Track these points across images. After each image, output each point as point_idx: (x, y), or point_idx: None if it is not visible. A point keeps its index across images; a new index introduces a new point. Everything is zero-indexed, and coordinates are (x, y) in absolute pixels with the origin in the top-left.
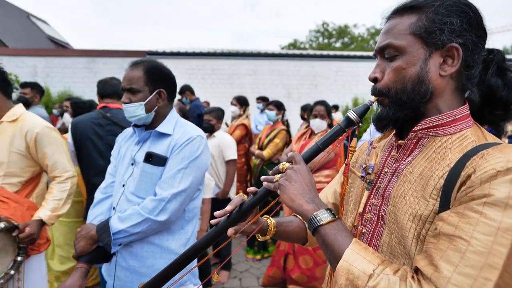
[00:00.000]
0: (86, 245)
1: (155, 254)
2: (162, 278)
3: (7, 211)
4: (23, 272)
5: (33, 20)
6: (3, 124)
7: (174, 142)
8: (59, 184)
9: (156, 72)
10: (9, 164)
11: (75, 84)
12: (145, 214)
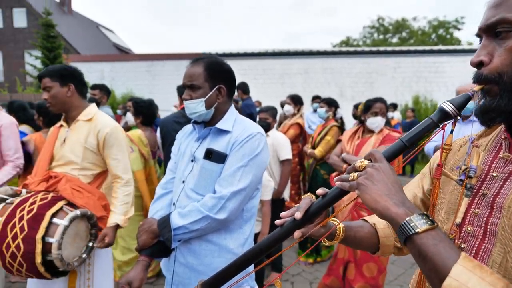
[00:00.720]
0: (148, 239)
1: (213, 252)
2: (222, 277)
3: (82, 200)
4: (93, 258)
5: (101, 30)
6: (79, 122)
7: (234, 139)
8: (123, 188)
9: (216, 69)
10: (83, 159)
11: (137, 86)
12: (205, 212)
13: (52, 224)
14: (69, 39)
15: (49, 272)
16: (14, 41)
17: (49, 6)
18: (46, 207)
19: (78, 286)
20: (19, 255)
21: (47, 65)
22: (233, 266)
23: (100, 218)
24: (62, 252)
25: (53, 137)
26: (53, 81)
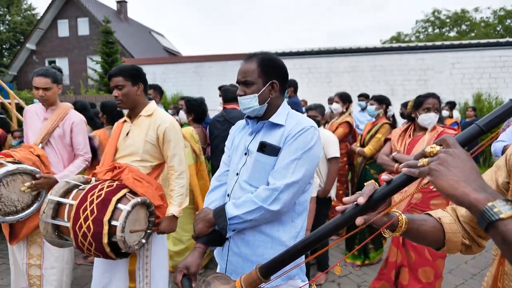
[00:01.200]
0: (204, 227)
1: (266, 243)
2: (280, 261)
3: (142, 189)
4: (150, 244)
5: (153, 34)
6: (141, 117)
7: (287, 133)
8: (177, 180)
9: (269, 64)
10: (143, 151)
11: (185, 87)
12: (259, 203)
13: (116, 209)
14: (125, 45)
15: (113, 252)
16: (78, 48)
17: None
18: (112, 193)
19: (138, 269)
20: (89, 235)
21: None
22: (292, 251)
23: (157, 207)
24: (124, 234)
25: (117, 131)
26: (125, 80)
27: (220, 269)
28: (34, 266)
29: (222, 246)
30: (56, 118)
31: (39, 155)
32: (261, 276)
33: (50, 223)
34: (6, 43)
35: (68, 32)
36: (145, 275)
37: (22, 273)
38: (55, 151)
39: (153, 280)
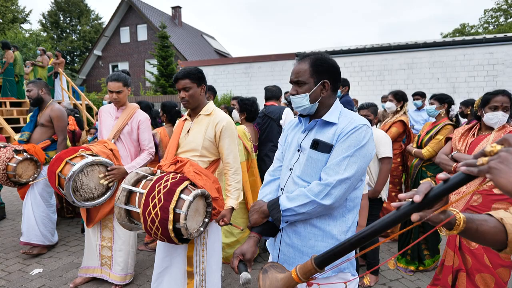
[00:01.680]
0: (259, 218)
1: (316, 236)
2: (335, 253)
3: (201, 181)
4: (207, 233)
5: (204, 37)
6: (201, 116)
7: (340, 130)
8: (233, 176)
9: (321, 64)
10: (202, 147)
11: (235, 87)
12: (311, 196)
13: (180, 199)
14: (179, 48)
15: (176, 237)
16: (137, 53)
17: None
18: (176, 185)
19: (195, 255)
20: (157, 221)
21: (162, 71)
22: (346, 244)
23: (214, 199)
24: (187, 222)
25: (179, 128)
26: (192, 82)
27: (272, 259)
28: (105, 247)
29: (274, 236)
30: (126, 117)
31: (111, 149)
32: (316, 266)
33: (123, 208)
34: (77, 50)
35: (129, 38)
36: (201, 261)
37: (95, 253)
38: (125, 146)
39: (208, 265)
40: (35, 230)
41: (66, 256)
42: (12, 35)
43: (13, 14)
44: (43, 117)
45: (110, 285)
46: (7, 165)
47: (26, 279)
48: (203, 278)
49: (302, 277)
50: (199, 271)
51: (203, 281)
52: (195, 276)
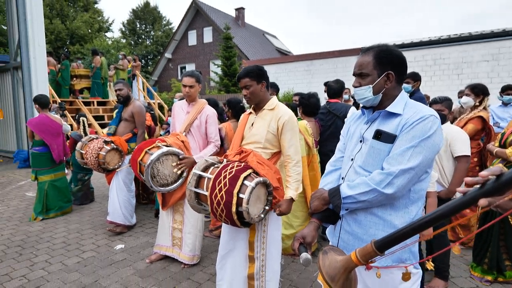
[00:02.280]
0: (319, 204)
1: (377, 225)
2: (396, 237)
3: (263, 171)
4: (268, 220)
5: (266, 36)
6: (264, 111)
7: (404, 121)
8: (294, 168)
9: (385, 56)
10: (265, 140)
11: (296, 85)
12: (373, 185)
13: (243, 185)
14: (242, 48)
15: (239, 220)
16: (203, 54)
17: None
18: (240, 171)
19: (256, 240)
20: (222, 203)
21: (225, 71)
22: (408, 228)
23: (275, 189)
24: (248, 206)
25: (244, 122)
26: (252, 80)
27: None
28: (177, 229)
29: (334, 224)
30: (195, 111)
31: (183, 141)
32: (376, 249)
33: (193, 191)
34: (150, 54)
35: (195, 41)
36: (262, 247)
37: (167, 234)
38: (194, 138)
39: (269, 252)
40: (118, 211)
41: (143, 236)
42: (98, 43)
43: (99, 24)
44: (126, 113)
45: (180, 264)
46: (98, 153)
47: (111, 252)
48: (263, 263)
49: (362, 259)
50: (259, 256)
51: (263, 266)
52: (255, 261)
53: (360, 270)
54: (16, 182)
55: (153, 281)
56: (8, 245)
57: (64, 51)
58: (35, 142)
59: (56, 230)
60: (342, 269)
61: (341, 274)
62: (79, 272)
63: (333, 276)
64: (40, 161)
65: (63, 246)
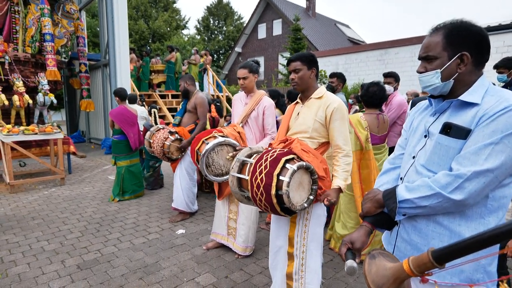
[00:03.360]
0: (372, 207)
1: (442, 236)
2: (459, 248)
3: (308, 158)
4: (310, 213)
5: (338, 26)
6: (311, 100)
7: (482, 112)
8: (343, 158)
9: (458, 34)
10: (312, 129)
11: (368, 76)
12: (436, 189)
13: (284, 168)
14: (311, 39)
15: (279, 206)
16: (272, 47)
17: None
18: (283, 155)
19: (296, 235)
20: (262, 186)
21: None
22: (477, 238)
23: (321, 178)
24: (289, 190)
25: (290, 111)
26: (302, 64)
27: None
28: (232, 219)
29: (390, 230)
30: (253, 102)
31: (239, 132)
32: (433, 259)
33: (236, 176)
34: (222, 49)
35: (265, 34)
36: (302, 243)
37: (223, 223)
38: (251, 129)
39: (309, 249)
40: (181, 198)
41: (203, 223)
42: (175, 40)
43: (176, 22)
44: (189, 105)
45: (234, 254)
46: (163, 143)
47: (173, 236)
48: (303, 262)
49: (415, 270)
50: (299, 254)
51: (303, 265)
52: (295, 259)
53: (415, 282)
54: (102, 166)
55: (207, 268)
56: (89, 222)
57: (147, 49)
58: (115, 130)
59: (129, 211)
60: (392, 279)
61: (390, 284)
62: (143, 251)
63: (381, 285)
64: (118, 148)
65: (133, 226)
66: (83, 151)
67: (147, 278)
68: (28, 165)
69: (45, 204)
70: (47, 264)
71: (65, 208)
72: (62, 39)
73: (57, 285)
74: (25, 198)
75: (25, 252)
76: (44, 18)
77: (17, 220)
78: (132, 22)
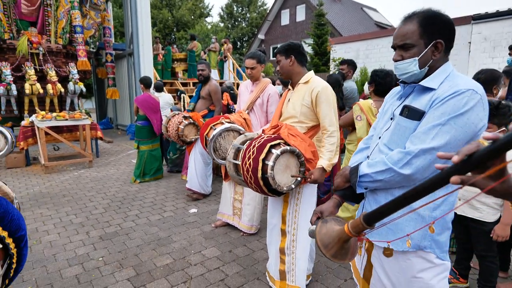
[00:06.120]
0: (341, 182)
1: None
2: (382, 211)
3: (295, 142)
4: (301, 193)
5: (365, 10)
6: (299, 85)
7: (435, 96)
8: (328, 138)
9: (432, 22)
10: (300, 114)
11: (389, 62)
12: (390, 164)
13: (270, 153)
14: (336, 24)
15: (266, 187)
16: (295, 33)
17: None
18: (268, 141)
19: (288, 213)
20: (250, 170)
21: (316, 50)
22: (392, 202)
23: (308, 161)
24: (274, 173)
25: (283, 98)
26: (281, 55)
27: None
28: (237, 200)
29: (358, 203)
30: (258, 90)
31: (245, 119)
32: (363, 222)
33: (232, 162)
34: (245, 36)
35: (288, 20)
36: (293, 220)
37: (228, 203)
38: (256, 116)
39: (300, 225)
40: (195, 180)
41: (214, 204)
42: (198, 28)
43: (200, 10)
44: (204, 91)
45: (239, 232)
46: (178, 127)
47: (185, 215)
48: (293, 238)
49: (353, 231)
50: (290, 230)
51: (294, 241)
52: (287, 235)
53: (379, 255)
54: (127, 151)
55: (213, 243)
56: (112, 200)
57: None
58: (139, 116)
59: (148, 191)
60: (337, 239)
61: (335, 243)
62: (158, 227)
63: (327, 244)
64: (142, 133)
65: (151, 205)
66: (111, 136)
67: (159, 249)
68: (60, 148)
69: (74, 184)
70: (74, 234)
71: (91, 188)
72: (90, 30)
73: (82, 251)
74: (58, 178)
75: (56, 224)
76: (74, 11)
77: (50, 197)
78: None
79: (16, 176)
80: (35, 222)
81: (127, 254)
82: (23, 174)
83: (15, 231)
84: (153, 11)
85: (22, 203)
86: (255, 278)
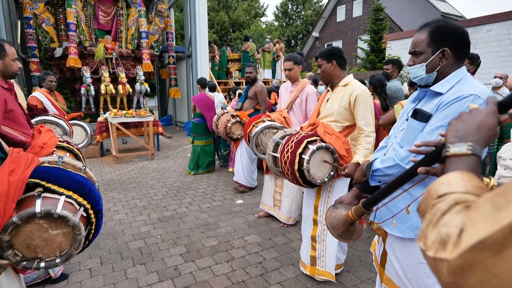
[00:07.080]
0: (359, 175)
1: (406, 200)
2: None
3: (330, 140)
4: (333, 186)
5: (430, 1)
6: (339, 87)
7: (442, 100)
8: (365, 138)
9: (440, 32)
10: (337, 114)
11: None
12: (397, 160)
13: (306, 148)
14: (396, 18)
15: (301, 179)
16: (351, 29)
17: None
18: (306, 137)
19: (320, 205)
20: (288, 162)
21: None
22: (384, 188)
23: (342, 157)
24: (309, 167)
25: (322, 98)
26: (322, 60)
27: (371, 216)
28: (277, 192)
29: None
30: (297, 90)
31: (285, 117)
32: (361, 206)
33: (271, 154)
34: (300, 34)
35: (344, 16)
36: (325, 211)
37: (270, 195)
38: (295, 114)
39: None
40: (241, 173)
41: (259, 197)
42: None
43: (255, 10)
44: (251, 92)
45: (280, 223)
46: (226, 124)
47: (232, 205)
48: (324, 227)
49: (355, 215)
50: (321, 220)
51: (325, 230)
52: (318, 224)
53: (392, 242)
54: (184, 146)
55: (255, 231)
56: (170, 188)
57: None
58: (195, 114)
59: (201, 183)
60: (343, 222)
61: (341, 225)
62: (207, 214)
63: (335, 225)
64: (197, 129)
65: (202, 194)
66: (170, 132)
67: (207, 232)
68: (128, 142)
69: (139, 173)
70: (138, 215)
71: (153, 177)
72: (155, 35)
73: (144, 229)
74: (126, 167)
75: (124, 205)
76: (141, 19)
77: (119, 183)
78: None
79: (92, 165)
80: (107, 203)
81: (180, 234)
82: (98, 163)
83: (95, 205)
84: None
85: (98, 187)
86: (290, 264)
